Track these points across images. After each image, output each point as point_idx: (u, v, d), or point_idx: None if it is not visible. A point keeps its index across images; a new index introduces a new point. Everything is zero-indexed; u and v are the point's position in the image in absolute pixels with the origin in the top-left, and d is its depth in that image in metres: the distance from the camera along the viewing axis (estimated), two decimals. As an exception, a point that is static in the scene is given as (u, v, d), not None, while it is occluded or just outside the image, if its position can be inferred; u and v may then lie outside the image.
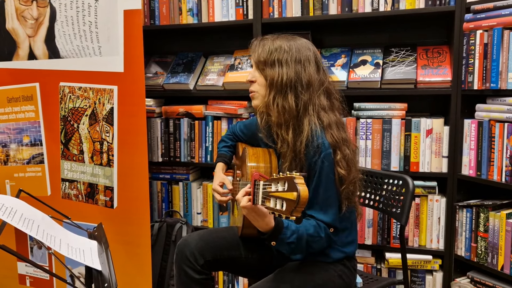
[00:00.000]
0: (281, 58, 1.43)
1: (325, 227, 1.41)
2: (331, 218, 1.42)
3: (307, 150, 1.40)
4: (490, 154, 1.89)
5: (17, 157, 2.38)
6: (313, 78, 1.44)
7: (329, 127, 1.43)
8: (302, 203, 1.06)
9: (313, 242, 1.40)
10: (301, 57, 1.44)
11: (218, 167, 1.79)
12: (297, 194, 1.05)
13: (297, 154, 1.41)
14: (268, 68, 1.45)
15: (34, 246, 2.43)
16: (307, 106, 1.42)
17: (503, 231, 1.86)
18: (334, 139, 1.41)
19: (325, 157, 1.39)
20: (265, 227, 1.32)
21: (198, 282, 1.56)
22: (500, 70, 1.82)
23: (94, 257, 1.21)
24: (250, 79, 1.52)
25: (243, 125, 1.84)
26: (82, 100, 2.20)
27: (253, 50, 1.50)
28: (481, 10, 1.88)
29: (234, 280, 2.41)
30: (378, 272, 2.19)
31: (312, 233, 1.38)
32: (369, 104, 2.14)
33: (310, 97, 1.43)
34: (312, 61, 1.46)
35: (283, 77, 1.42)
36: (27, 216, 1.17)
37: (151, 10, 2.44)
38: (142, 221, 2.15)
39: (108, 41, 2.09)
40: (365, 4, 2.11)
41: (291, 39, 1.48)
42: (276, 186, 1.13)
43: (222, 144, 1.87)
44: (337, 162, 1.41)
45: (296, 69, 1.42)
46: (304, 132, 1.40)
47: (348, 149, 1.45)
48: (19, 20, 2.25)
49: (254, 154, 1.54)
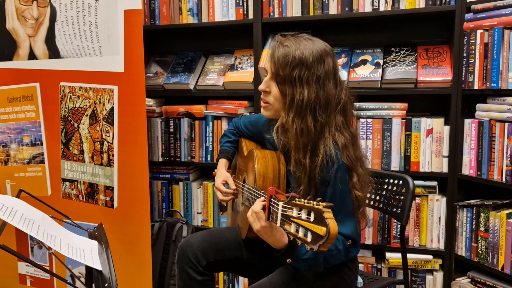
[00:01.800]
0: (302, 76, 1.34)
1: (343, 239, 1.35)
2: (349, 229, 1.37)
3: (321, 173, 1.35)
4: (491, 154, 1.89)
5: (17, 157, 2.38)
6: (331, 96, 1.37)
7: (345, 148, 1.37)
8: (331, 239, 1.01)
9: (330, 257, 1.33)
10: (321, 74, 1.36)
11: (221, 164, 1.76)
12: (326, 230, 1.00)
13: (312, 179, 1.37)
14: (287, 85, 1.37)
15: (35, 246, 2.43)
16: (323, 128, 1.37)
17: (504, 231, 1.86)
18: (350, 160, 1.36)
19: (339, 167, 1.34)
20: (279, 244, 1.28)
21: (200, 283, 1.55)
22: (500, 70, 1.82)
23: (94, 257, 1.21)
24: (265, 90, 1.44)
25: (248, 122, 1.79)
26: (83, 100, 2.20)
27: (271, 54, 1.40)
28: (482, 10, 1.88)
29: (235, 280, 2.41)
30: (378, 272, 2.19)
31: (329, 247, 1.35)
32: (369, 103, 2.14)
33: (327, 119, 1.37)
34: (331, 75, 1.38)
35: (303, 98, 1.34)
36: (27, 216, 1.17)
37: (151, 10, 2.44)
38: (143, 221, 2.15)
39: (108, 41, 2.09)
40: (365, 4, 2.10)
41: (312, 45, 1.38)
42: (298, 212, 1.08)
43: (225, 139, 1.83)
44: (353, 184, 1.37)
45: (316, 89, 1.35)
46: (319, 156, 1.35)
47: (362, 168, 1.41)
48: (20, 20, 2.25)
49: (263, 158, 1.49)
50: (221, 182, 1.69)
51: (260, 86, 1.46)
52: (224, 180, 1.70)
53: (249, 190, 1.52)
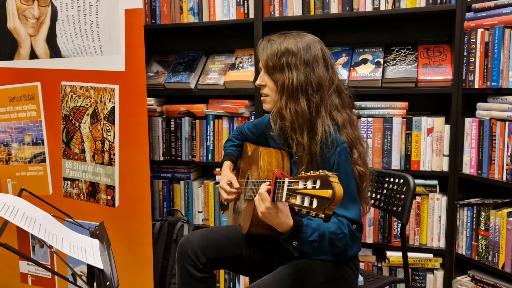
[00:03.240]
0: (290, 62, 1.42)
1: (348, 224, 1.37)
2: (354, 213, 1.39)
3: (322, 152, 1.39)
4: (491, 152, 1.89)
5: (18, 156, 2.38)
6: (323, 79, 1.43)
7: (343, 126, 1.42)
8: (337, 201, 1.05)
9: (336, 240, 1.34)
10: (309, 58, 1.42)
11: (226, 165, 1.80)
12: (332, 192, 1.04)
13: (313, 157, 1.41)
14: (277, 73, 1.44)
15: (36, 244, 2.44)
16: (319, 108, 1.42)
17: (504, 230, 1.86)
18: (349, 137, 1.41)
19: (341, 151, 1.38)
20: (283, 226, 1.28)
21: (200, 281, 1.56)
22: (501, 69, 1.82)
23: (95, 256, 1.21)
24: (260, 83, 1.52)
25: (252, 125, 1.85)
26: (84, 99, 2.21)
27: (260, 52, 1.49)
28: (482, 9, 1.88)
29: (236, 278, 2.42)
30: (379, 270, 2.20)
31: (334, 231, 1.33)
32: (370, 103, 2.14)
33: (321, 99, 1.42)
34: (320, 59, 1.44)
35: (293, 81, 1.41)
36: (29, 215, 1.17)
37: (152, 9, 2.44)
38: (144, 220, 2.15)
39: (109, 40, 2.09)
40: (366, 3, 2.11)
41: (298, 38, 1.46)
42: (304, 184, 1.12)
43: (229, 143, 1.87)
44: (355, 160, 1.42)
45: (305, 71, 1.41)
46: (318, 134, 1.39)
47: (362, 146, 1.46)
48: (21, 19, 2.25)
49: (268, 154, 1.54)
50: (226, 182, 1.71)
51: (257, 81, 1.53)
52: (228, 180, 1.72)
53: (253, 184, 1.54)
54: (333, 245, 1.35)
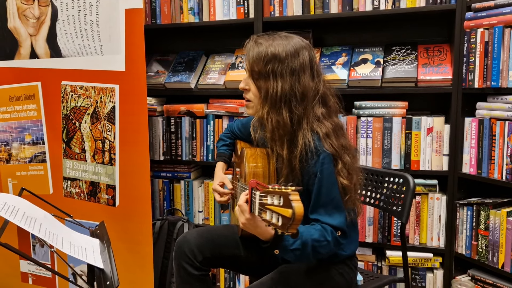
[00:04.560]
0: (276, 70, 1.37)
1: (332, 231, 1.36)
2: (338, 220, 1.38)
3: (301, 165, 1.37)
4: (491, 152, 1.90)
5: (19, 155, 2.39)
6: (308, 89, 1.39)
7: (326, 136, 1.39)
8: (297, 220, 1.04)
9: (320, 247, 1.34)
10: (296, 66, 1.38)
11: (218, 167, 1.79)
12: (292, 212, 1.04)
13: (292, 169, 1.39)
14: (262, 80, 1.40)
15: (37, 244, 2.44)
16: (301, 120, 1.38)
17: (504, 229, 1.87)
18: (333, 148, 1.38)
19: (324, 159, 1.36)
20: (265, 235, 1.30)
21: (197, 278, 1.56)
22: (501, 69, 1.82)
23: (96, 255, 1.21)
24: (244, 87, 1.48)
25: (241, 124, 1.83)
26: (84, 99, 2.21)
27: (247, 53, 1.44)
28: (482, 9, 1.88)
29: (236, 277, 2.42)
30: (378, 270, 2.20)
31: (317, 238, 1.33)
32: (369, 102, 2.14)
33: (304, 110, 1.38)
34: (307, 67, 1.40)
35: (277, 91, 1.37)
36: (29, 215, 1.18)
37: (153, 9, 2.44)
38: (144, 219, 2.16)
39: (110, 40, 2.09)
40: (365, 3, 2.11)
41: (286, 41, 1.41)
42: (272, 199, 1.12)
43: (221, 143, 1.86)
44: (338, 171, 1.38)
45: (290, 81, 1.37)
46: (298, 147, 1.37)
47: (348, 155, 1.42)
48: (21, 19, 2.26)
49: (252, 155, 1.51)
50: (218, 183, 1.71)
51: (240, 84, 1.49)
52: (221, 182, 1.71)
53: (242, 188, 1.54)
54: (316, 252, 1.34)
